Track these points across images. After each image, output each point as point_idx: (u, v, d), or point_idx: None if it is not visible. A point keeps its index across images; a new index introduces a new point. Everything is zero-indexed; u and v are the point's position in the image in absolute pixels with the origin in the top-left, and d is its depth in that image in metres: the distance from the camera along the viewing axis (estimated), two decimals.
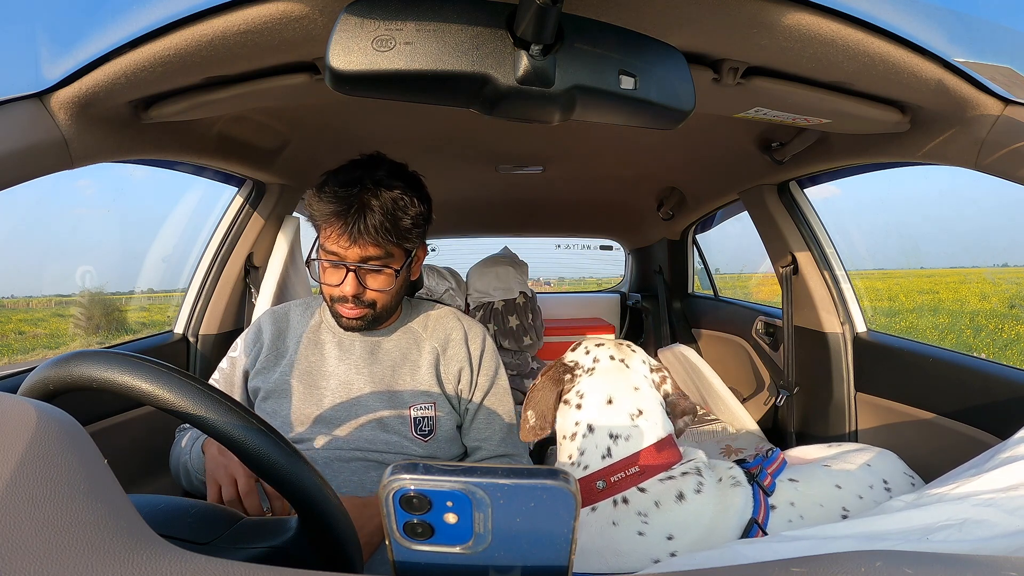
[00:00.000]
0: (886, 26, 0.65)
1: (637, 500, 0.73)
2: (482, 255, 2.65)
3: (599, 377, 0.83)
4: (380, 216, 0.84)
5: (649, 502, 0.72)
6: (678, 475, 0.75)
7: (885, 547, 0.47)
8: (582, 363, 0.86)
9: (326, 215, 0.85)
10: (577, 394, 0.82)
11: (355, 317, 0.91)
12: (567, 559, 0.32)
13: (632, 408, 0.80)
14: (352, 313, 0.91)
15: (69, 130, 0.76)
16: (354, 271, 0.87)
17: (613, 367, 0.85)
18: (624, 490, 0.74)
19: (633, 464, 0.75)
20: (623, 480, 0.74)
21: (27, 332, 6.07)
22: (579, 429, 0.79)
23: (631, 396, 0.81)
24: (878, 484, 0.81)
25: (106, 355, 0.43)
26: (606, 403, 0.81)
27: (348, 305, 0.90)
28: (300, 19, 0.61)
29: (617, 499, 0.73)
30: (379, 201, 0.85)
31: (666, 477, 0.75)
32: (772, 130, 1.28)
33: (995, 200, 5.99)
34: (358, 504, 0.80)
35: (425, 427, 0.94)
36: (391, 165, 0.92)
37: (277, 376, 0.95)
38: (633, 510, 0.72)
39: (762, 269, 2.20)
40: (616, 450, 0.77)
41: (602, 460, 0.77)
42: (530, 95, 0.54)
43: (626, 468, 0.75)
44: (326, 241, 0.88)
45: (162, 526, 0.43)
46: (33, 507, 0.28)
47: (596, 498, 0.75)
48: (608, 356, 0.86)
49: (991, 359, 1.13)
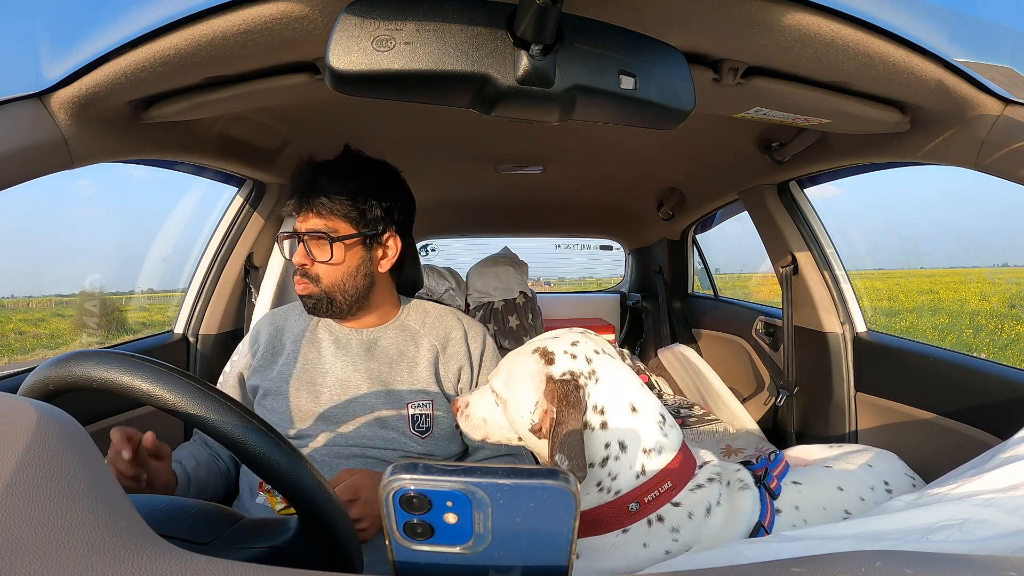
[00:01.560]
0: (886, 26, 0.65)
1: (672, 516, 0.66)
2: (482, 255, 2.66)
3: (608, 382, 0.70)
4: (324, 188, 0.91)
5: (683, 516, 0.66)
6: (705, 483, 0.69)
7: (885, 547, 0.47)
8: (578, 369, 0.70)
9: (289, 194, 0.94)
10: (595, 410, 0.68)
11: (305, 294, 0.95)
12: (567, 559, 0.32)
13: (655, 414, 0.70)
14: (301, 289, 0.95)
15: (69, 130, 0.76)
16: (303, 241, 0.93)
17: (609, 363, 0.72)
18: (659, 508, 0.66)
19: (666, 479, 0.67)
20: (657, 499, 0.66)
21: (27, 332, 6.07)
22: (611, 451, 0.67)
23: (647, 397, 0.71)
24: (879, 485, 0.80)
25: (106, 355, 0.43)
26: (631, 412, 0.69)
27: (301, 281, 0.94)
28: (300, 19, 0.61)
29: (652, 518, 0.66)
30: (327, 177, 0.92)
31: (696, 487, 0.69)
32: (772, 130, 1.28)
33: (995, 200, 5.99)
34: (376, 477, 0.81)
35: (423, 424, 0.94)
36: (361, 156, 0.99)
37: (275, 374, 0.95)
38: (667, 527, 0.66)
39: (762, 269, 2.20)
40: (649, 466, 0.67)
41: (636, 480, 0.67)
42: (530, 95, 0.54)
43: (659, 485, 0.67)
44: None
45: (162, 526, 0.43)
46: (33, 507, 0.28)
47: (628, 520, 0.66)
48: (593, 351, 0.72)
49: (991, 359, 1.13)
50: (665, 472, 0.68)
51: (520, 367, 0.73)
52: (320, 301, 0.94)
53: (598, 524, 0.67)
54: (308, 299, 0.95)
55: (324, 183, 0.91)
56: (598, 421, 0.68)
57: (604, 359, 0.72)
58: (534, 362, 0.71)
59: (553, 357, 0.71)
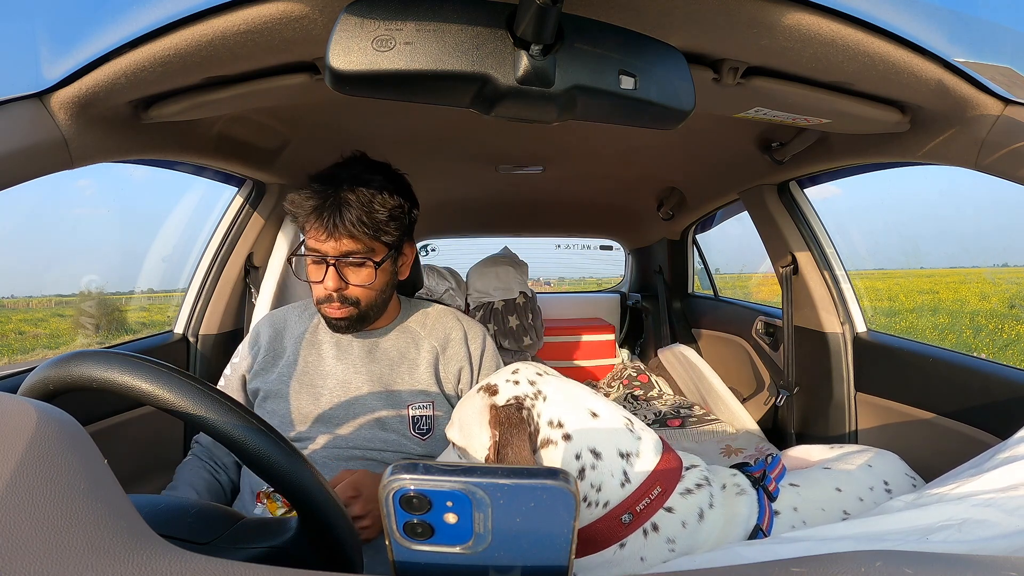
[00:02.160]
0: (886, 26, 0.65)
1: (666, 524, 0.64)
2: (482, 255, 2.66)
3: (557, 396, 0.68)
4: (356, 209, 0.85)
5: (677, 523, 0.65)
6: (694, 487, 0.68)
7: (885, 547, 0.47)
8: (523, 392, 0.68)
9: (306, 212, 0.87)
10: (552, 424, 0.66)
11: (341, 317, 0.91)
12: (567, 559, 0.32)
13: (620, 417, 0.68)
14: (337, 313, 0.91)
15: (69, 130, 0.76)
16: (334, 266, 0.88)
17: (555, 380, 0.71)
18: (652, 516, 0.64)
19: (655, 484, 0.65)
20: (649, 506, 0.64)
21: (27, 332, 6.07)
22: (584, 461, 0.65)
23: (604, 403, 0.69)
24: (878, 486, 0.80)
25: (106, 355, 0.43)
26: (591, 418, 0.67)
27: (334, 304, 0.90)
28: (300, 19, 0.61)
29: (647, 528, 0.64)
30: (355, 195, 0.86)
31: (686, 491, 0.67)
32: (772, 130, 1.28)
33: (995, 200, 5.99)
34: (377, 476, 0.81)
35: (423, 426, 0.94)
36: (369, 162, 0.94)
37: (275, 377, 0.95)
38: (663, 537, 0.64)
39: (762, 269, 2.20)
40: (632, 472, 0.65)
41: (621, 488, 0.65)
42: (530, 95, 0.54)
43: (649, 491, 0.65)
44: (309, 239, 0.89)
45: (162, 526, 0.43)
46: (33, 507, 0.28)
47: (624, 532, 0.64)
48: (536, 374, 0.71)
49: (991, 359, 1.13)
50: (652, 477, 0.66)
51: (467, 410, 0.72)
52: (355, 322, 0.93)
53: (594, 542, 0.64)
54: (342, 321, 0.91)
55: (355, 203, 0.86)
56: (559, 435, 0.66)
57: (549, 379, 0.71)
58: (479, 399, 0.70)
59: (496, 388, 0.70)
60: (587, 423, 0.66)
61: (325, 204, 0.86)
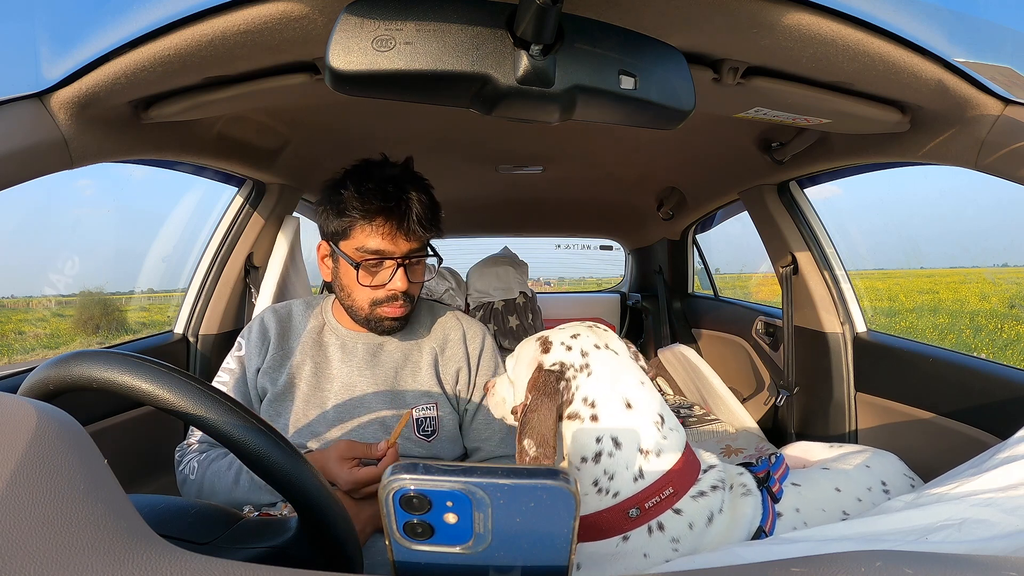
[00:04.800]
0: (886, 26, 0.65)
1: (673, 525, 0.65)
2: (482, 255, 2.66)
3: (601, 375, 0.69)
4: (420, 208, 0.88)
5: (684, 525, 0.65)
6: (708, 490, 0.68)
7: (885, 547, 0.47)
8: (570, 361, 0.70)
9: (372, 213, 0.86)
10: (585, 402, 0.67)
11: (400, 316, 0.93)
12: (567, 559, 0.32)
13: (653, 413, 0.69)
14: (400, 311, 0.93)
15: (69, 130, 0.76)
16: (404, 266, 0.89)
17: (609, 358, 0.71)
18: (659, 515, 0.64)
19: (667, 485, 0.65)
20: (658, 505, 0.64)
21: (27, 332, 6.07)
22: (603, 447, 0.65)
23: (645, 395, 0.70)
24: (876, 486, 0.80)
25: (106, 355, 0.43)
26: (625, 408, 0.68)
27: (398, 303, 0.92)
28: (300, 19, 0.61)
29: (652, 526, 0.64)
30: (416, 194, 0.89)
31: (698, 494, 0.67)
32: (772, 130, 1.28)
33: (995, 200, 5.98)
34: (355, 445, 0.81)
35: (428, 428, 0.94)
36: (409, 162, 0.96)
37: (283, 379, 0.94)
38: (668, 537, 0.64)
39: (762, 269, 2.20)
40: (648, 469, 0.65)
41: (634, 483, 0.65)
42: (530, 95, 0.54)
43: (660, 491, 0.65)
44: (366, 240, 0.88)
45: (162, 526, 0.43)
46: (33, 507, 0.28)
47: (629, 526, 0.64)
48: (593, 345, 0.72)
49: (991, 359, 1.13)
50: (666, 477, 0.66)
51: (524, 352, 0.76)
52: (406, 320, 0.96)
53: (598, 529, 0.65)
54: (400, 320, 0.94)
55: (418, 202, 0.88)
56: (588, 414, 0.67)
57: (604, 354, 0.71)
58: (533, 348, 0.74)
59: (550, 346, 0.72)
60: (618, 412, 0.67)
61: (398, 206, 0.87)
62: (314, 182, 1.64)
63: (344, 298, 0.94)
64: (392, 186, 0.88)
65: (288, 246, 1.57)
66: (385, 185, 0.87)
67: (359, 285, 0.90)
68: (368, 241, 0.88)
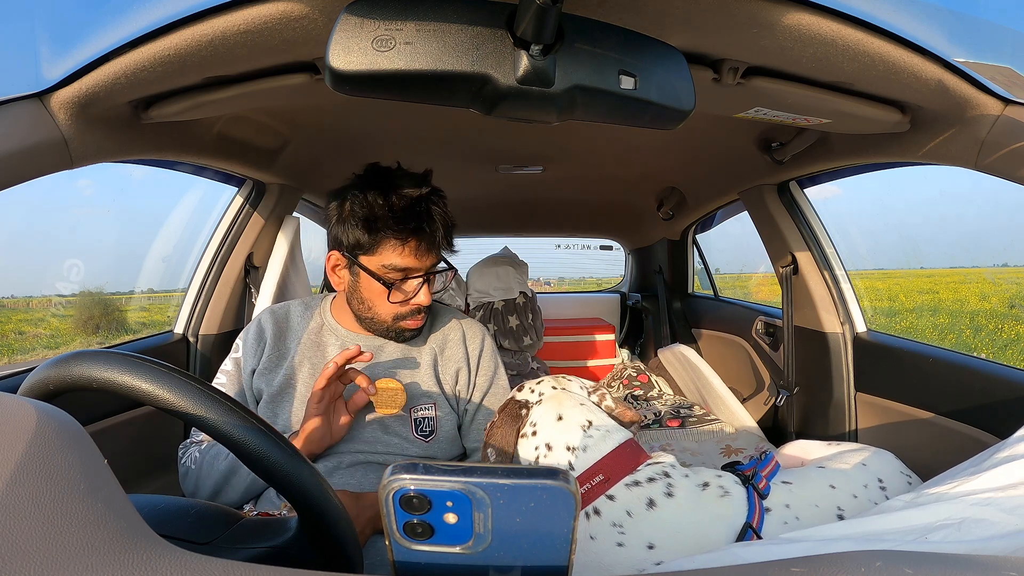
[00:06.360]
0: (886, 26, 0.65)
1: (608, 510, 0.73)
2: (482, 255, 2.65)
3: (546, 403, 0.85)
4: (442, 223, 0.90)
5: (620, 511, 0.72)
6: (644, 481, 0.75)
7: (884, 547, 0.47)
8: (530, 399, 0.87)
9: (408, 233, 0.86)
10: (531, 425, 0.83)
11: (419, 326, 0.95)
12: (567, 559, 0.32)
13: (582, 420, 0.81)
14: (422, 322, 0.95)
15: (69, 130, 0.76)
16: (428, 280, 0.92)
17: (555, 393, 0.87)
18: (593, 501, 0.73)
19: (597, 473, 0.75)
20: (590, 491, 0.74)
21: (27, 332, 6.07)
22: (539, 452, 0.80)
23: (578, 411, 0.82)
24: (873, 483, 0.80)
25: (106, 355, 0.43)
26: (556, 420, 0.81)
27: (420, 316, 0.94)
28: (300, 19, 0.61)
29: (589, 511, 0.73)
30: (442, 211, 0.91)
31: (632, 483, 0.75)
32: (772, 130, 1.28)
33: (995, 200, 5.99)
34: (352, 497, 0.81)
35: (426, 428, 0.94)
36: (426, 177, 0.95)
37: (280, 379, 0.94)
38: (607, 521, 0.72)
39: (762, 269, 2.20)
40: (577, 462, 0.77)
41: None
42: (530, 95, 0.54)
43: (591, 478, 0.75)
44: (396, 258, 0.88)
45: (162, 526, 0.43)
46: (33, 507, 0.28)
47: None
48: (550, 387, 0.88)
49: (991, 359, 1.13)
50: (596, 467, 0.75)
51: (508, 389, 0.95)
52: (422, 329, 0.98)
53: None
54: (419, 330, 0.97)
55: (440, 217, 0.89)
56: (530, 431, 0.82)
57: (555, 393, 0.86)
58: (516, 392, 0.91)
59: (522, 387, 0.90)
60: (550, 425, 0.81)
61: (429, 224, 0.88)
62: (314, 182, 1.64)
63: (363, 311, 0.94)
64: (423, 204, 0.88)
65: (288, 246, 1.57)
66: (417, 204, 0.88)
67: (387, 302, 0.90)
68: (397, 259, 0.88)
